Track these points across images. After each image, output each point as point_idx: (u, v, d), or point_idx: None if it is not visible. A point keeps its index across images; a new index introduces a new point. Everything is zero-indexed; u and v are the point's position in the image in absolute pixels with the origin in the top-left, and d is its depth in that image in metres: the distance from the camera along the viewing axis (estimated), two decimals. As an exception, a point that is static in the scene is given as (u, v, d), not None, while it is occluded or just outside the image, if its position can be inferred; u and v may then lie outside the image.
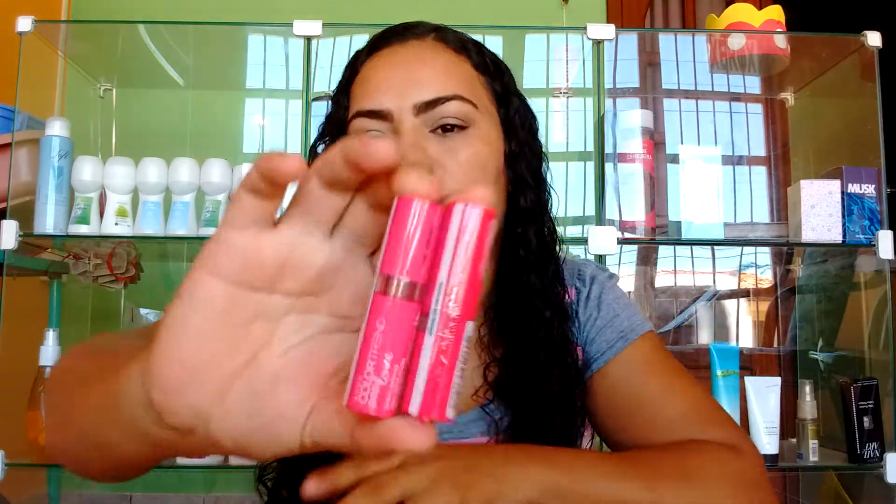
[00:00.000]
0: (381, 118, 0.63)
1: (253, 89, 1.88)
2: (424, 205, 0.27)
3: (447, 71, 0.65)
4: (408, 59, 0.65)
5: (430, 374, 0.26)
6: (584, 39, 1.41)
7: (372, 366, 0.27)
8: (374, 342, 0.27)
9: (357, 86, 0.66)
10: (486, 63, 0.68)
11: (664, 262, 1.96)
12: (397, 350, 0.27)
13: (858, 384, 1.36)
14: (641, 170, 1.41)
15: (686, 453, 0.61)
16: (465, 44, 0.68)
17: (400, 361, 0.27)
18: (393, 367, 0.27)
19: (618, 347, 0.69)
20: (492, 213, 0.27)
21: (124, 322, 1.70)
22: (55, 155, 1.36)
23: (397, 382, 0.27)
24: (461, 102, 0.63)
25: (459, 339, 0.27)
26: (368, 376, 0.26)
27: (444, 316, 0.26)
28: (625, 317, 0.71)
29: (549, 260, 0.69)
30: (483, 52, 0.69)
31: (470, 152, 0.63)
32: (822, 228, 1.40)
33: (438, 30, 0.68)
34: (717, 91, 1.87)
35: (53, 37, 1.50)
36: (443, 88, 0.63)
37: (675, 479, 0.58)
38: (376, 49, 0.67)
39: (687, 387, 0.68)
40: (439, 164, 0.61)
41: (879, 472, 1.35)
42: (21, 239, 1.35)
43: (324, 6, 1.94)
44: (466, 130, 0.63)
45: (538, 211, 0.69)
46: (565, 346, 0.67)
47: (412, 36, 0.67)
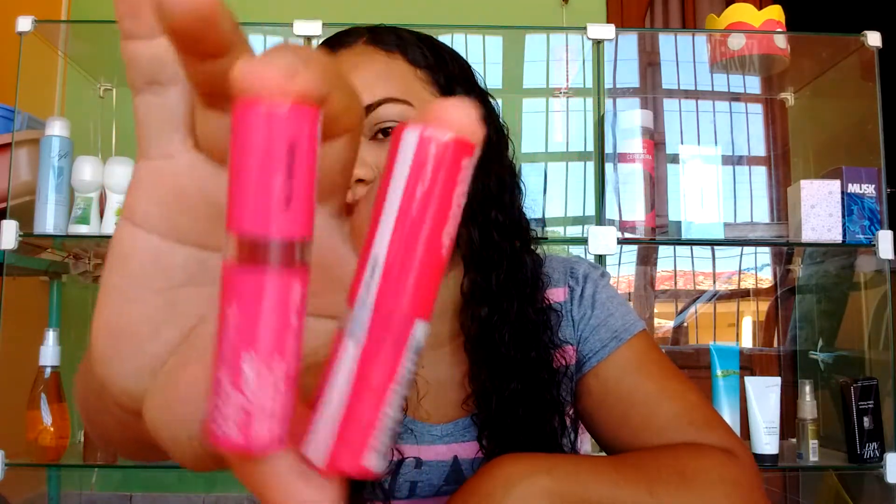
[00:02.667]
0: None
1: (253, 89, 1.88)
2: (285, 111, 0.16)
3: (376, 76, 0.63)
4: (346, 69, 0.64)
5: (348, 400, 0.17)
6: (584, 39, 1.41)
7: (226, 373, 0.17)
8: (232, 343, 0.17)
9: None
10: (423, 56, 0.66)
11: (664, 262, 1.96)
12: (273, 351, 0.16)
13: (858, 384, 1.36)
14: (641, 170, 1.41)
15: (683, 457, 0.61)
16: (401, 41, 0.66)
17: (272, 363, 0.16)
18: (261, 373, 0.16)
19: (611, 347, 0.69)
20: (469, 146, 0.17)
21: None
22: (55, 155, 1.36)
23: (273, 398, 0.17)
24: (392, 104, 0.62)
25: (401, 351, 0.17)
26: (225, 394, 0.17)
27: (378, 311, 0.17)
28: (618, 316, 0.70)
29: (500, 259, 0.65)
30: (422, 45, 0.67)
31: None
32: (822, 228, 1.40)
33: (372, 31, 0.67)
34: (717, 91, 1.87)
35: (53, 37, 1.50)
36: (370, 95, 0.62)
37: (674, 482, 0.58)
38: None
39: (681, 388, 0.68)
40: (380, 170, 0.61)
41: (879, 472, 1.35)
42: (21, 239, 1.35)
43: (324, 6, 1.94)
44: None
45: (498, 209, 0.66)
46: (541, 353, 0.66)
47: (342, 46, 0.66)
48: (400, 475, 0.64)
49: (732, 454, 0.62)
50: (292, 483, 0.18)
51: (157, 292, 0.22)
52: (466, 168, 0.17)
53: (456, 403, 0.66)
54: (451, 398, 0.66)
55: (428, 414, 0.66)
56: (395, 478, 0.64)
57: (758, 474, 0.64)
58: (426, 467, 0.65)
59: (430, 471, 0.65)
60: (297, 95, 0.16)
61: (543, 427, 0.65)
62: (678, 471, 0.59)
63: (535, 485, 0.52)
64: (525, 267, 0.67)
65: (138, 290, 0.22)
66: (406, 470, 0.65)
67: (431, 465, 0.65)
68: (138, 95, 0.22)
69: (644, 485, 0.56)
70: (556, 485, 0.53)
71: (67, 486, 1.74)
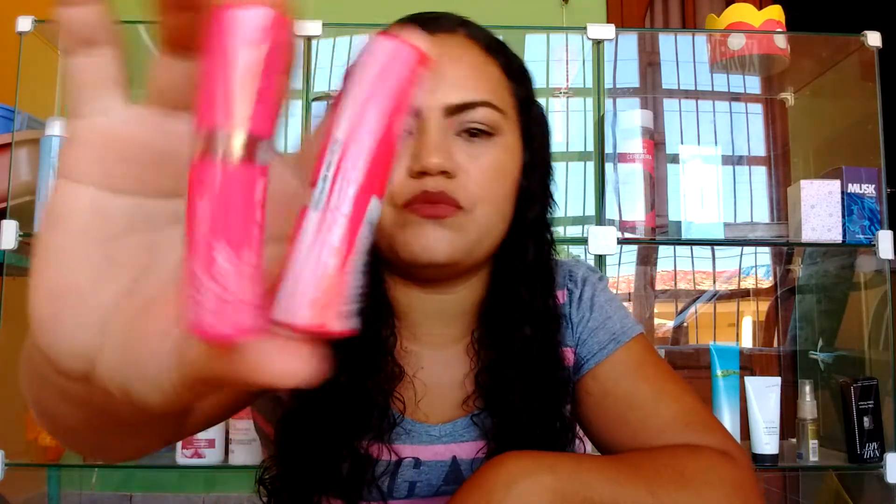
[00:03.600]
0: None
1: (253, 89, 1.88)
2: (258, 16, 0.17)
3: (477, 73, 0.63)
4: (438, 55, 0.64)
5: (319, 263, 0.18)
6: (584, 39, 1.41)
7: (207, 271, 0.17)
8: (204, 236, 0.17)
9: None
10: (512, 67, 0.67)
11: (664, 262, 1.96)
12: (242, 239, 0.17)
13: (858, 384, 1.36)
14: (641, 170, 1.41)
15: (683, 458, 0.61)
16: (494, 44, 0.66)
17: (242, 253, 0.17)
18: (233, 262, 0.17)
19: (609, 349, 0.69)
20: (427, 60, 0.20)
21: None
22: (55, 155, 1.36)
23: (246, 286, 0.17)
24: (490, 110, 0.62)
25: (359, 220, 0.19)
26: (204, 286, 0.17)
27: (337, 183, 0.19)
28: (617, 319, 0.71)
29: (544, 274, 0.68)
30: (509, 54, 0.68)
31: (493, 160, 0.62)
32: (822, 228, 1.40)
33: (466, 24, 0.66)
34: (717, 91, 1.87)
35: (53, 37, 1.50)
36: (474, 92, 0.61)
37: (674, 483, 0.58)
38: None
39: (679, 391, 0.68)
40: (462, 168, 0.60)
41: (879, 472, 1.35)
42: (21, 239, 1.35)
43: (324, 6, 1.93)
44: (492, 138, 0.62)
45: (542, 224, 0.68)
46: (553, 359, 0.67)
47: (441, 29, 0.65)
48: (398, 475, 0.64)
49: (730, 457, 0.63)
50: (273, 357, 0.19)
51: (97, 244, 0.22)
52: (421, 76, 0.20)
53: (455, 404, 0.66)
54: (451, 398, 0.67)
55: (426, 415, 0.66)
56: (393, 478, 0.64)
57: (755, 477, 0.64)
58: (425, 467, 0.65)
59: (429, 471, 0.65)
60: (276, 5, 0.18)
61: (552, 425, 0.65)
62: (678, 472, 0.59)
63: (538, 482, 0.52)
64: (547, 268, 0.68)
65: (77, 246, 0.22)
66: (404, 470, 0.65)
67: (430, 465, 0.65)
68: (73, 57, 0.23)
69: (644, 485, 0.56)
70: (558, 483, 0.53)
71: (67, 486, 1.74)
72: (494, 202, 0.62)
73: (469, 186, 0.60)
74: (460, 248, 0.61)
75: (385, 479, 0.63)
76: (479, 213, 0.61)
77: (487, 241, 0.64)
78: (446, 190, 0.59)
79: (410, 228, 0.60)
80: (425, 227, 0.60)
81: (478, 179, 0.61)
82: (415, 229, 0.60)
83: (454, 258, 0.61)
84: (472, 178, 0.61)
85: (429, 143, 0.59)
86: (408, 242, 0.60)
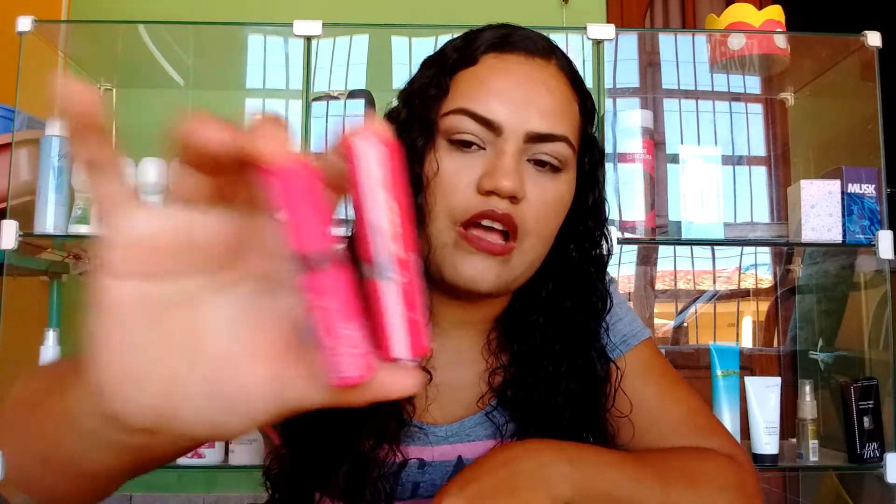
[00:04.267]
0: (490, 128, 0.60)
1: (253, 89, 1.88)
2: (296, 172, 0.25)
3: (564, 107, 0.63)
4: (533, 79, 0.62)
5: (405, 316, 0.27)
6: (584, 39, 1.41)
7: (340, 342, 0.26)
8: (331, 321, 0.25)
9: (470, 79, 0.63)
10: (587, 106, 0.67)
11: (664, 262, 1.96)
12: (353, 315, 0.26)
13: (858, 384, 1.36)
14: (641, 170, 1.41)
15: (693, 460, 0.62)
16: (577, 79, 0.67)
17: (360, 324, 0.26)
18: (358, 333, 0.26)
19: (619, 351, 0.71)
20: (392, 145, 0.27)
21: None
22: (55, 155, 1.36)
23: (367, 342, 0.26)
24: (566, 146, 0.62)
25: (415, 274, 0.27)
26: (341, 352, 0.26)
27: (393, 258, 0.26)
28: (626, 322, 0.72)
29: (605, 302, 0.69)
30: (586, 92, 0.68)
31: (556, 195, 0.62)
32: (822, 228, 1.40)
33: (557, 53, 0.66)
34: (717, 91, 1.86)
35: (53, 37, 1.50)
36: (558, 125, 0.61)
37: (684, 483, 0.59)
38: (501, 49, 0.64)
39: (685, 395, 0.70)
40: (527, 197, 0.60)
41: (879, 472, 1.35)
42: (21, 239, 1.35)
43: (324, 6, 1.94)
44: (559, 173, 0.62)
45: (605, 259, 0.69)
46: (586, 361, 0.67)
47: (537, 52, 0.64)
48: (402, 476, 0.64)
49: (736, 461, 0.64)
50: (392, 380, 0.27)
51: (150, 327, 0.26)
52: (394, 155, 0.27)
53: (464, 404, 0.67)
54: (460, 399, 0.67)
55: (433, 416, 0.66)
56: (396, 479, 0.64)
57: (758, 480, 0.66)
58: (429, 468, 0.65)
59: (434, 471, 0.65)
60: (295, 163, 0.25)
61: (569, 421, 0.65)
62: (688, 473, 0.60)
63: (558, 473, 0.53)
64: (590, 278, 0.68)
65: (133, 334, 0.26)
66: (409, 471, 0.65)
67: (435, 465, 0.65)
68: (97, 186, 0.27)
69: (658, 483, 0.57)
70: (577, 474, 0.53)
71: (67, 486, 1.74)
72: (543, 236, 0.62)
73: (528, 216, 0.60)
74: (505, 282, 0.61)
75: (388, 481, 0.63)
76: (527, 246, 0.61)
77: (528, 274, 0.64)
78: (511, 213, 0.59)
79: (460, 254, 0.60)
80: (476, 256, 0.60)
81: (538, 210, 0.61)
82: (465, 256, 0.60)
83: (497, 290, 0.61)
84: (533, 208, 0.60)
85: (506, 165, 0.58)
86: (455, 267, 0.60)
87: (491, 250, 0.59)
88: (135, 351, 0.26)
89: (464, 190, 0.59)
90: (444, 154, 0.61)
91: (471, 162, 0.60)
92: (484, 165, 0.60)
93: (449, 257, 0.60)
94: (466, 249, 0.59)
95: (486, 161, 0.60)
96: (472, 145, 0.60)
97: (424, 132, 0.62)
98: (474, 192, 0.59)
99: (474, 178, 0.59)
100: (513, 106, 0.60)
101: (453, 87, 0.63)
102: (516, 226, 0.59)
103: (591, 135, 0.68)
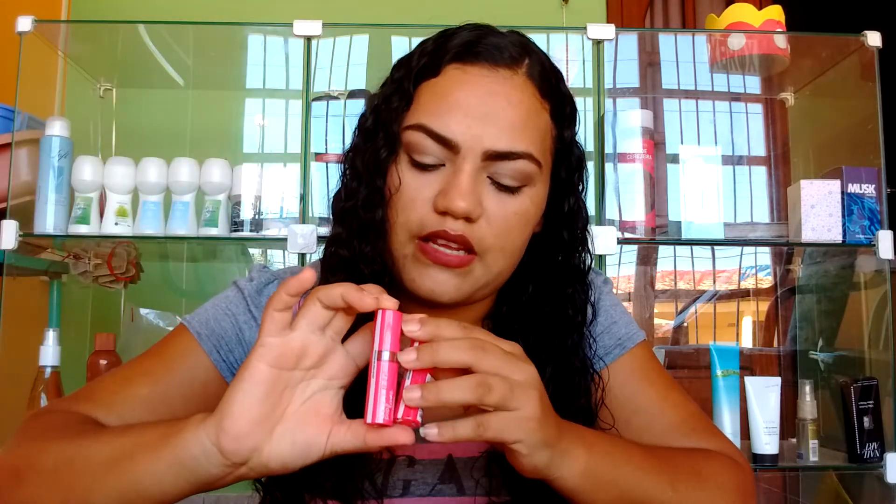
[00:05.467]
0: (447, 146, 0.60)
1: (253, 89, 1.88)
2: (392, 313, 0.48)
3: (527, 121, 0.61)
4: (494, 93, 0.60)
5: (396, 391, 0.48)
6: (584, 39, 1.41)
7: (382, 398, 0.47)
8: (380, 386, 0.47)
9: (431, 91, 0.62)
10: (562, 111, 0.65)
11: (664, 262, 1.96)
12: (392, 387, 0.47)
13: (858, 384, 1.36)
14: (641, 170, 1.41)
15: (699, 459, 0.62)
16: (550, 84, 0.64)
17: (392, 391, 0.47)
18: (390, 396, 0.47)
19: (615, 354, 0.71)
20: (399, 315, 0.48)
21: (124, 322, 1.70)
22: (55, 155, 1.36)
23: (393, 402, 0.47)
24: (529, 162, 0.61)
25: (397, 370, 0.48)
26: (380, 404, 0.47)
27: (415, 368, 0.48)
28: (622, 324, 0.72)
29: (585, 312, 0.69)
30: (563, 95, 0.66)
31: (517, 210, 0.62)
32: (822, 228, 1.40)
33: (530, 58, 0.64)
34: (717, 91, 1.86)
35: (53, 37, 1.50)
36: (519, 142, 0.60)
37: (692, 481, 0.59)
38: (464, 59, 0.62)
39: (681, 397, 0.71)
40: (485, 214, 0.60)
41: (879, 472, 1.35)
42: (21, 239, 1.35)
43: (324, 6, 1.94)
44: (521, 189, 0.61)
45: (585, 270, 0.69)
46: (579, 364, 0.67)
47: (503, 63, 0.62)
48: (392, 473, 0.64)
49: (737, 462, 0.65)
50: (400, 431, 0.48)
51: (268, 393, 0.48)
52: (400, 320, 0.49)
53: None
54: None
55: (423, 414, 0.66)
56: (387, 476, 0.64)
57: (755, 484, 0.67)
58: (419, 466, 0.65)
59: (424, 469, 0.65)
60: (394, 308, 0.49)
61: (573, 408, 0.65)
62: (695, 471, 0.60)
63: (573, 457, 0.52)
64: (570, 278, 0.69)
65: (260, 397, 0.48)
66: (399, 468, 0.65)
67: (425, 463, 0.65)
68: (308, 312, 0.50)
69: (667, 478, 0.57)
70: (592, 459, 0.53)
71: (67, 486, 1.74)
72: (506, 250, 0.62)
73: (486, 234, 0.60)
74: (466, 293, 0.62)
75: (378, 477, 0.63)
76: (489, 260, 0.61)
77: (494, 284, 0.64)
78: (465, 234, 0.59)
79: (418, 267, 0.61)
80: (433, 269, 0.60)
81: (498, 227, 0.61)
82: (422, 269, 0.61)
83: (457, 300, 0.62)
84: (492, 225, 0.60)
85: (461, 186, 0.58)
86: (413, 280, 0.61)
87: (448, 263, 0.60)
88: (259, 407, 0.48)
89: (421, 206, 0.60)
90: (405, 169, 0.61)
91: (430, 179, 0.61)
92: (441, 183, 0.60)
93: (409, 269, 0.61)
94: (424, 262, 0.60)
95: (443, 178, 0.60)
96: (432, 164, 0.61)
97: (387, 144, 0.62)
98: (430, 210, 0.60)
99: (432, 195, 0.60)
100: (471, 123, 0.59)
101: (416, 98, 0.63)
102: (471, 245, 0.60)
103: (570, 140, 0.66)
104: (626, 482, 0.54)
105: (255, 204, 1.41)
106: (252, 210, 1.41)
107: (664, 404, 0.69)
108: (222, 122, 2.01)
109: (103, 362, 1.30)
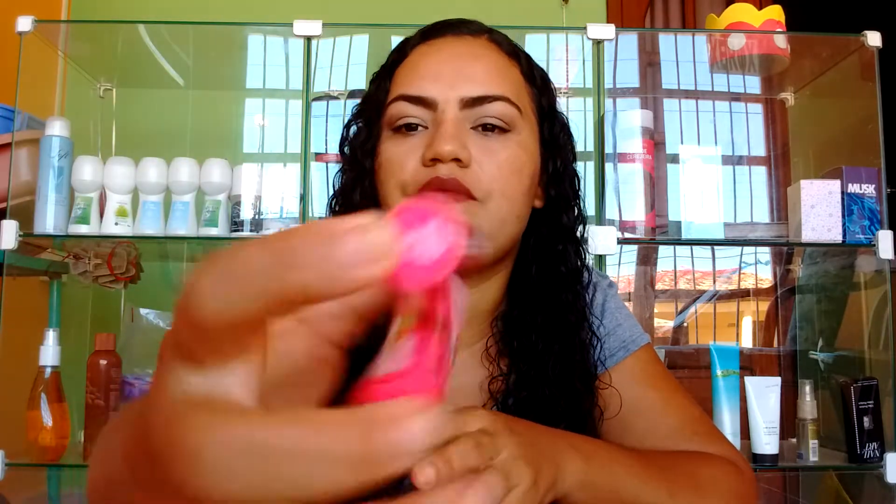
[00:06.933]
0: (424, 105, 0.62)
1: (253, 89, 1.88)
2: None
3: (498, 71, 0.64)
4: (460, 53, 0.64)
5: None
6: (584, 39, 1.41)
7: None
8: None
9: (403, 70, 0.65)
10: (534, 75, 0.68)
11: (664, 262, 1.96)
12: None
13: (858, 384, 1.36)
14: (641, 170, 1.41)
15: (698, 465, 0.62)
16: (517, 51, 0.68)
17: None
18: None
19: (619, 356, 0.71)
20: None
21: (124, 322, 1.70)
22: (55, 155, 1.36)
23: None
24: (507, 104, 0.62)
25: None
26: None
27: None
28: (626, 327, 0.73)
29: (580, 277, 0.70)
30: (532, 64, 0.69)
31: (509, 155, 0.62)
32: (822, 228, 1.40)
33: (492, 32, 0.68)
34: (717, 91, 1.86)
35: (53, 37, 1.50)
36: (492, 87, 0.62)
37: (690, 489, 0.59)
38: (428, 38, 0.67)
39: (684, 401, 0.71)
40: (476, 160, 0.61)
41: (879, 472, 1.35)
42: (21, 239, 1.35)
43: (324, 6, 1.94)
44: (507, 134, 0.63)
45: (575, 230, 0.70)
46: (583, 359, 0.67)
47: (467, 32, 0.66)
48: None
49: (737, 467, 0.64)
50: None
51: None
52: None
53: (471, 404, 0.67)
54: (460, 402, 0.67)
55: None
56: None
57: (757, 489, 0.67)
58: None
59: None
60: None
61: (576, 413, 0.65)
62: (695, 478, 0.60)
63: (573, 467, 0.52)
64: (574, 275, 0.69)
65: None
66: None
67: None
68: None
69: (665, 486, 0.57)
70: (590, 469, 0.53)
71: (67, 486, 1.74)
72: (508, 197, 0.62)
73: (482, 178, 0.60)
74: None
75: None
76: (492, 206, 0.61)
77: (501, 237, 0.63)
78: (458, 178, 0.59)
79: None
80: None
81: (492, 172, 0.61)
82: None
83: None
84: (486, 171, 0.61)
85: (443, 132, 0.59)
86: None
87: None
88: None
89: (411, 164, 0.61)
90: (389, 141, 0.63)
91: (415, 142, 0.62)
92: (426, 140, 0.61)
93: None
94: None
95: (428, 135, 0.62)
96: (416, 127, 0.62)
97: (372, 130, 0.65)
98: (420, 166, 0.61)
99: (419, 155, 0.61)
100: (442, 79, 0.62)
101: (392, 83, 0.66)
102: (467, 188, 0.60)
103: (550, 108, 0.68)
104: (624, 490, 0.54)
105: (255, 204, 1.41)
106: (252, 210, 1.41)
107: (667, 408, 0.69)
108: (222, 122, 2.01)
109: (103, 362, 1.30)
